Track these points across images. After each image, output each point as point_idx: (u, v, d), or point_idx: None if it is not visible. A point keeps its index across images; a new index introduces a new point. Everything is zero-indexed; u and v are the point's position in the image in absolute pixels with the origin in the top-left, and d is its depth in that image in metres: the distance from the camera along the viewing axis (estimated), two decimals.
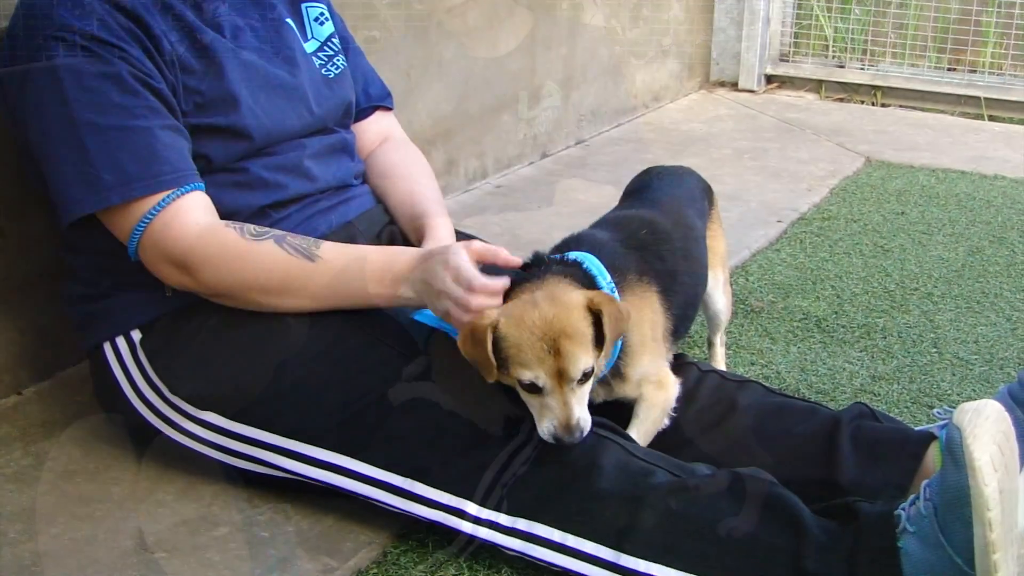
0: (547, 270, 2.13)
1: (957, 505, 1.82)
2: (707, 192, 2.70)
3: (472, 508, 2.09)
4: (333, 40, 2.61)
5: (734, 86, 6.08)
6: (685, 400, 2.30)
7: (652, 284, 2.25)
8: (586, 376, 2.02)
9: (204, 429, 2.26)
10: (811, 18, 6.08)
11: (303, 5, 2.58)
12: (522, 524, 2.07)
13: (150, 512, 2.26)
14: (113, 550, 2.14)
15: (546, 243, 2.33)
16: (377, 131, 2.75)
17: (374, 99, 2.75)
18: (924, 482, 1.94)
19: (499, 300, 2.08)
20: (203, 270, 2.18)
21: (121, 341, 2.33)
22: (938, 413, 2.28)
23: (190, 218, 2.18)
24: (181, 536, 2.19)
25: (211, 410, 2.25)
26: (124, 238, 2.22)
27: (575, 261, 2.17)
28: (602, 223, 2.44)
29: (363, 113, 2.73)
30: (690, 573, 1.96)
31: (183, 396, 2.27)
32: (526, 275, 2.14)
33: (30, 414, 2.62)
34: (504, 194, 4.37)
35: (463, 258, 2.09)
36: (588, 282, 2.12)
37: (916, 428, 2.27)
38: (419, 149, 2.80)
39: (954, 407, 2.62)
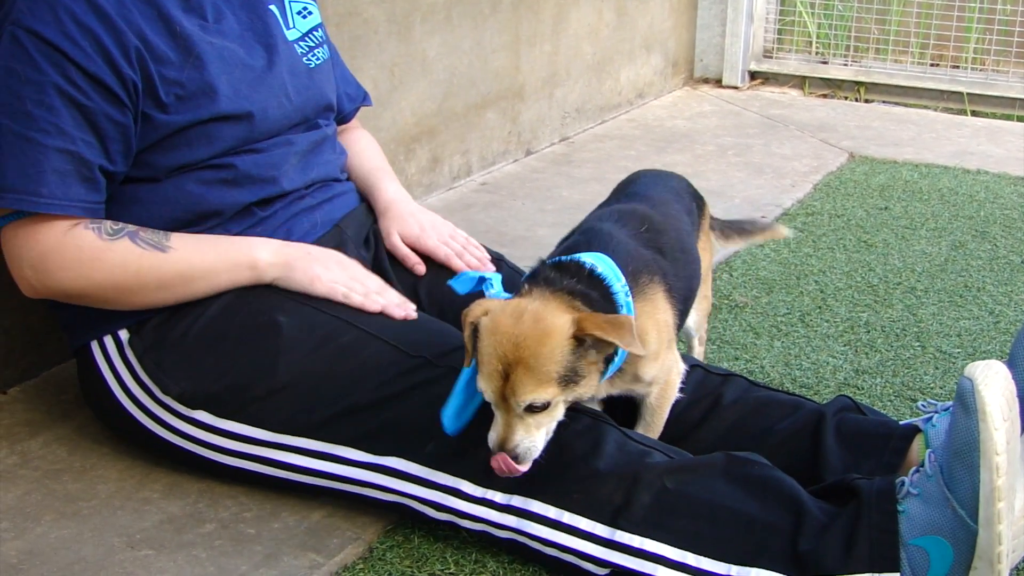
0: (558, 278, 2.00)
1: (965, 451, 1.84)
2: (696, 197, 2.64)
3: (468, 487, 2.10)
4: (315, 32, 2.60)
5: (718, 83, 6.09)
6: None
7: (660, 284, 2.16)
8: (538, 408, 1.91)
9: (195, 428, 2.27)
10: (794, 14, 6.10)
11: None
12: (517, 501, 2.07)
13: (136, 510, 2.27)
14: (99, 548, 2.15)
15: (530, 240, 2.32)
16: (348, 125, 2.82)
17: (356, 100, 2.79)
18: (928, 450, 1.96)
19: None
20: (58, 274, 2.19)
21: (108, 340, 2.33)
22: (922, 406, 2.28)
23: (53, 224, 2.17)
24: (167, 533, 2.19)
25: (203, 409, 2.25)
26: None
27: (590, 270, 2.03)
28: (606, 217, 2.31)
29: (350, 116, 2.76)
30: (684, 549, 1.97)
31: (174, 395, 2.27)
32: (536, 275, 2.02)
33: (15, 413, 2.62)
34: (489, 191, 4.37)
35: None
36: (601, 291, 2.00)
37: (900, 422, 2.28)
38: (404, 147, 2.82)
39: (938, 400, 2.65)
